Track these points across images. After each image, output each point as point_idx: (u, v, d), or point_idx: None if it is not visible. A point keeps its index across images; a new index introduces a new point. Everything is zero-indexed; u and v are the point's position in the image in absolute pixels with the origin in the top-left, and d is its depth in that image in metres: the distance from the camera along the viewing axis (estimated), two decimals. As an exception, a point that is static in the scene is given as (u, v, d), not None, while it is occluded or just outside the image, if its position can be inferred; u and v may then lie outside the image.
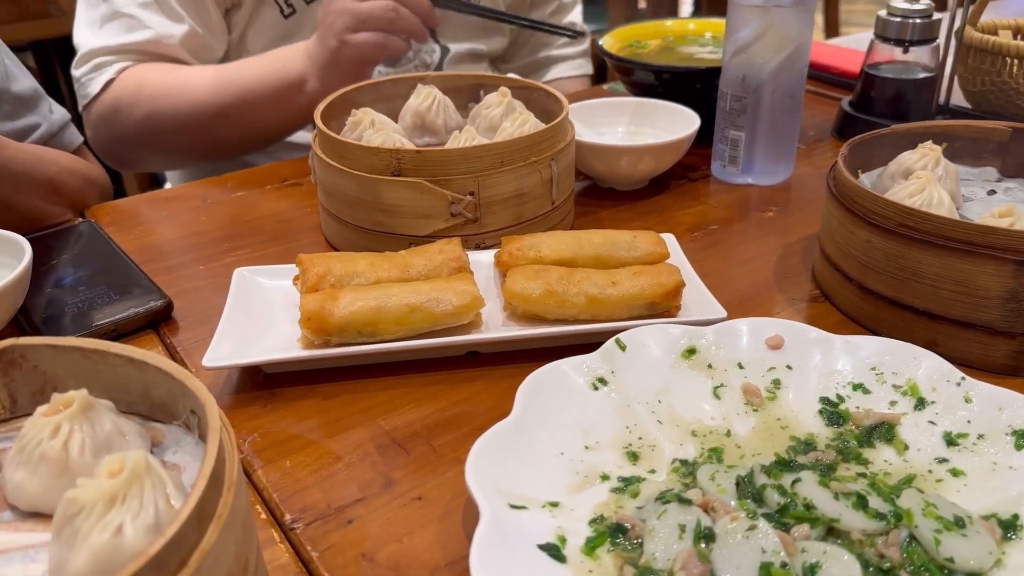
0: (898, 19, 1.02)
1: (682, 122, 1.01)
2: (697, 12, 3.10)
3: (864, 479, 0.54)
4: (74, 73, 1.16)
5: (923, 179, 0.73)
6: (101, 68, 1.13)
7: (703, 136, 1.00)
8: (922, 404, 0.58)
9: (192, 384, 0.43)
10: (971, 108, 1.10)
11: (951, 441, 0.56)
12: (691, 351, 0.63)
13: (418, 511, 0.55)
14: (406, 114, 0.94)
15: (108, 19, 1.13)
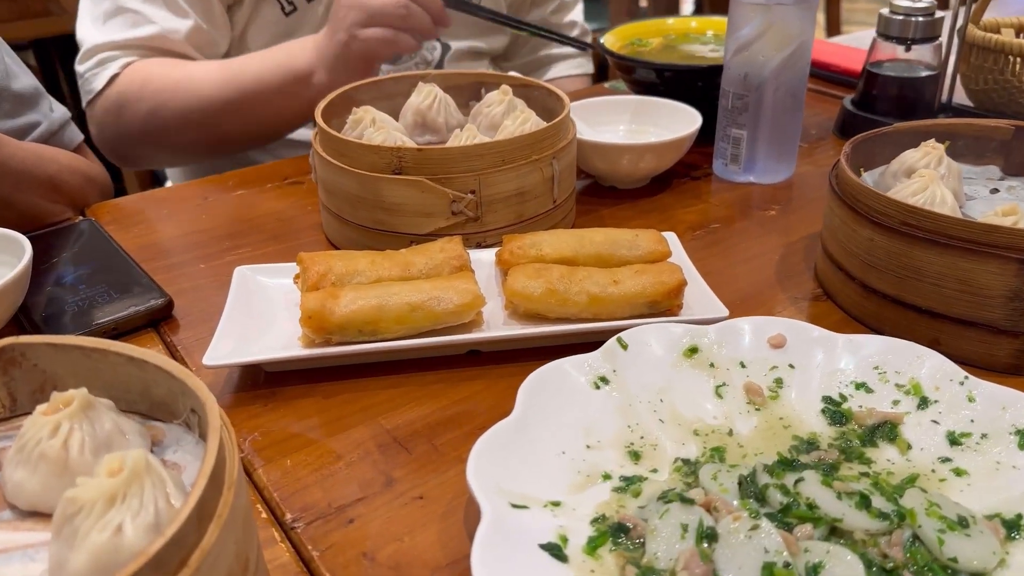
0: (900, 17, 1.02)
1: (684, 120, 1.00)
2: (699, 10, 3.10)
3: (867, 479, 0.53)
4: (78, 68, 1.15)
5: (926, 177, 0.73)
6: (105, 63, 1.13)
7: (705, 134, 1.00)
8: (925, 403, 0.58)
9: (192, 383, 0.43)
10: (973, 106, 1.09)
11: (954, 440, 0.56)
12: (693, 350, 0.63)
13: (419, 510, 0.55)
14: (407, 112, 0.94)
15: (112, 14, 1.13)
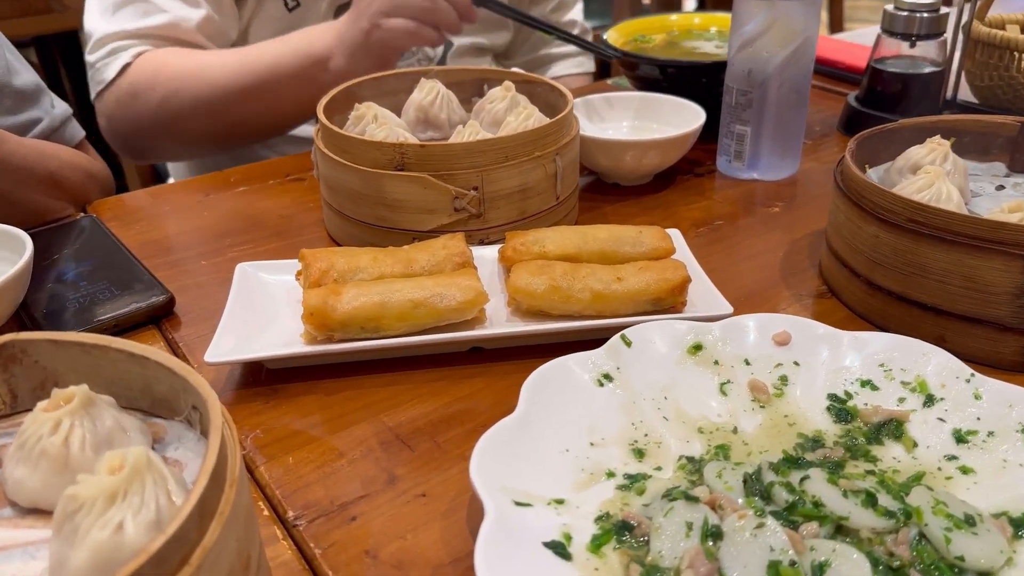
0: (905, 13, 1.01)
1: (687, 117, 1.00)
2: (702, 6, 3.10)
3: (873, 477, 0.53)
4: (88, 59, 1.14)
5: (932, 174, 0.73)
6: (117, 53, 1.12)
7: (708, 131, 0.99)
8: (931, 401, 0.58)
9: (194, 380, 0.42)
10: (978, 103, 1.09)
11: (960, 438, 0.55)
12: (697, 347, 0.62)
13: (422, 508, 0.55)
14: (409, 108, 0.94)
15: (122, 4, 1.12)
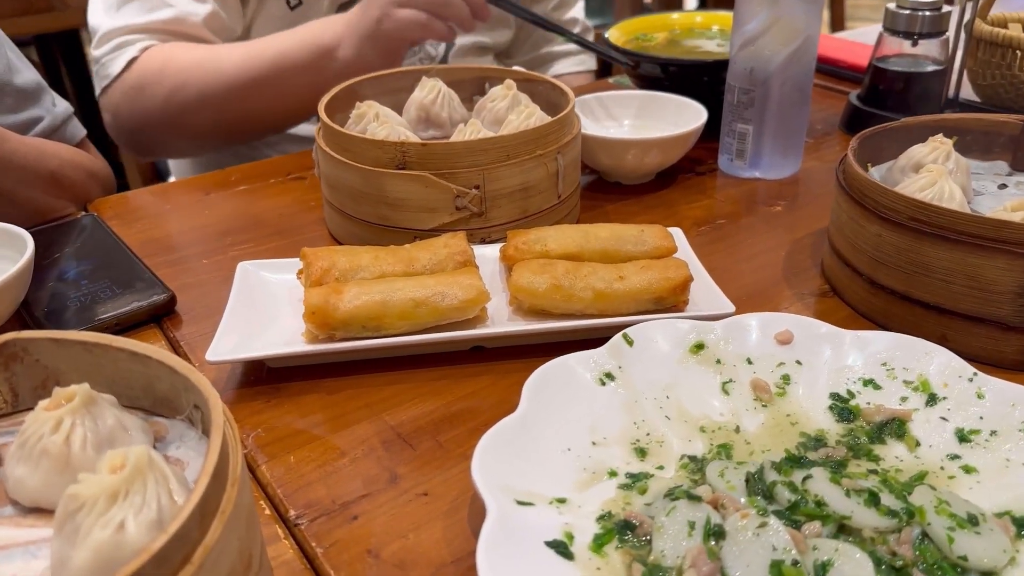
0: (907, 12, 1.01)
1: (689, 115, 1.00)
2: (704, 5, 3.09)
3: (875, 476, 0.53)
4: (94, 53, 1.14)
5: (934, 173, 0.73)
6: (123, 47, 1.11)
7: (710, 130, 0.99)
8: (934, 400, 0.58)
9: (195, 378, 0.42)
10: (980, 102, 1.09)
11: (963, 437, 0.55)
12: (699, 346, 0.62)
13: (424, 507, 0.55)
14: (411, 107, 0.94)
15: (127, 0, 1.12)
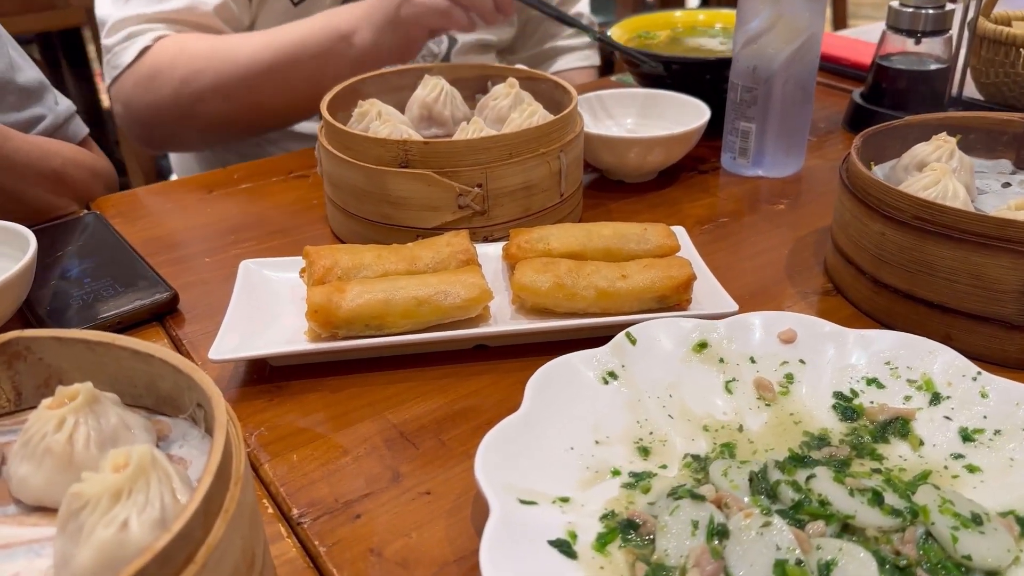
0: (910, 9, 1.01)
1: (692, 114, 1.00)
2: (706, 3, 3.09)
3: (879, 475, 0.53)
4: (105, 43, 1.13)
5: (938, 171, 0.72)
6: (135, 36, 1.10)
7: (713, 128, 0.99)
8: (937, 399, 0.57)
9: (198, 377, 0.42)
10: (984, 100, 1.09)
11: (967, 437, 0.55)
12: (702, 345, 0.62)
13: (426, 506, 0.55)
14: (413, 105, 0.94)
15: None
